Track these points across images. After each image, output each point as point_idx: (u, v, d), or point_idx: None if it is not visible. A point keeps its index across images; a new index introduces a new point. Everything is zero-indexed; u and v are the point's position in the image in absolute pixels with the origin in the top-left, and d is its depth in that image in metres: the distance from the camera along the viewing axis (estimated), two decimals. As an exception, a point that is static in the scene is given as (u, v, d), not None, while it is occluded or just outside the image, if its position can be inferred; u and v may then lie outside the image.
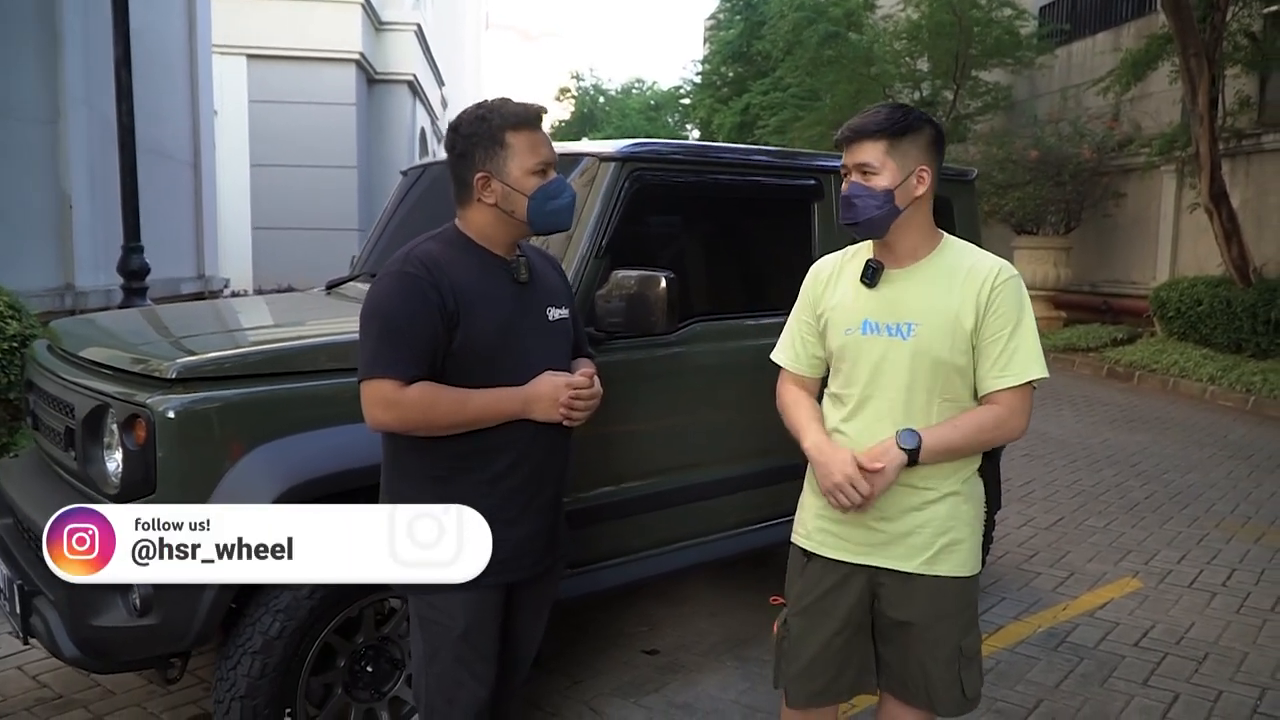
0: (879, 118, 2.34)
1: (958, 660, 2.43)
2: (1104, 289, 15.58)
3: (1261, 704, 3.79)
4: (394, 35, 19.06)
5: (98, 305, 8.08)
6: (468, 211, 2.39)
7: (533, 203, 2.34)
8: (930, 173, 2.36)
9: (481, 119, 2.34)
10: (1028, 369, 2.32)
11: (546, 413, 2.34)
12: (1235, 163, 13.03)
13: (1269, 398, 10.12)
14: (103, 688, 3.70)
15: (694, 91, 32.63)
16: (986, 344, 2.32)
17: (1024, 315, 2.34)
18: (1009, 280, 2.34)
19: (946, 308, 2.33)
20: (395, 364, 2.21)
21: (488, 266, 2.37)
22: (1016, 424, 2.37)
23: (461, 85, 36.08)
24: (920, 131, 2.34)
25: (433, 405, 2.23)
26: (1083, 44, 17.17)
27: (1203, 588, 5.02)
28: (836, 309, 2.47)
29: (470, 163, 2.34)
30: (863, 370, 2.39)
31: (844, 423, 2.43)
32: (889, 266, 2.41)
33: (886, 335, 2.37)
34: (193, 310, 4.35)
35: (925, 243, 2.41)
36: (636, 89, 44.67)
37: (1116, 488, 6.98)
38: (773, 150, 4.67)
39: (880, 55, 17.85)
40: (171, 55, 11.38)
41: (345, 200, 16.97)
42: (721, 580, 4.78)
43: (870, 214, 2.33)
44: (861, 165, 2.35)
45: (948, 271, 2.37)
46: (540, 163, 2.35)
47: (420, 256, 2.30)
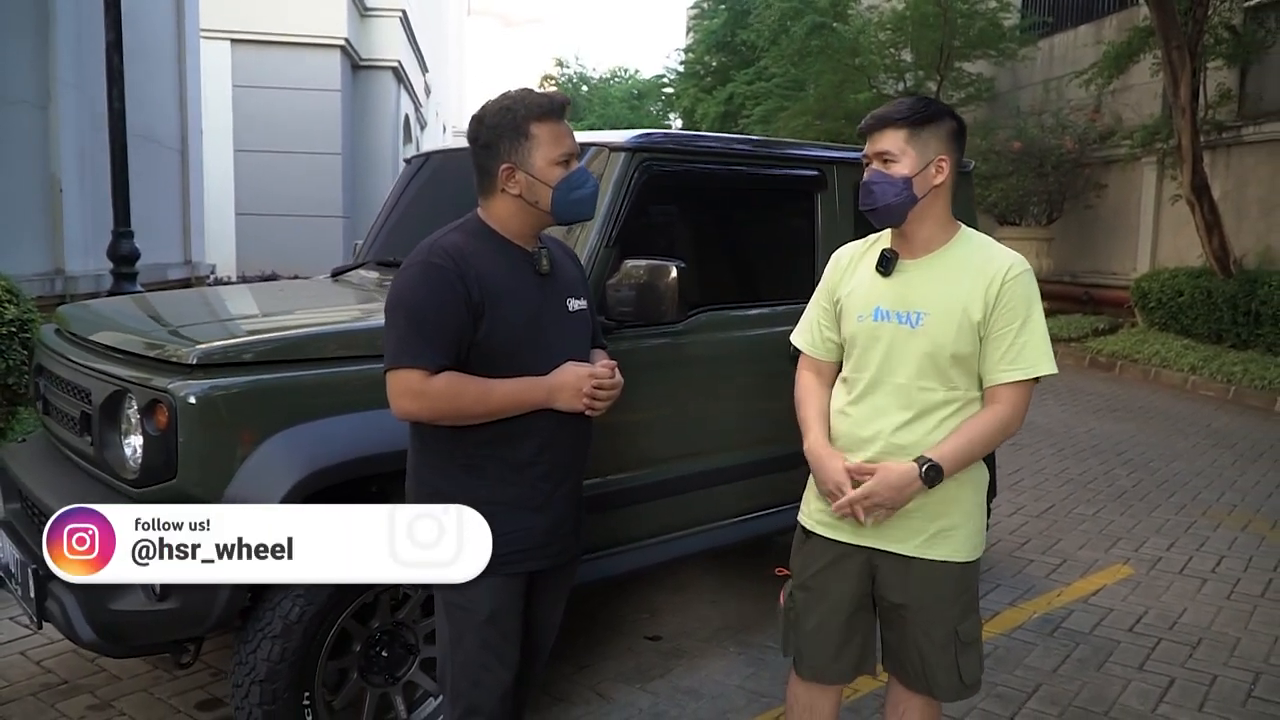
0: (902, 107, 2.39)
1: (954, 645, 2.47)
2: (1085, 279, 15.70)
3: (1256, 688, 3.86)
4: (379, 21, 18.95)
5: (87, 290, 8.04)
6: (491, 202, 2.41)
7: (557, 193, 2.36)
8: (949, 163, 2.40)
9: (506, 109, 2.35)
10: (1036, 364, 2.37)
11: (569, 403, 2.36)
12: (1216, 155, 13.15)
13: (1250, 387, 10.25)
14: (108, 673, 3.71)
15: (677, 81, 32.59)
16: (995, 336, 2.36)
17: (1034, 310, 2.39)
18: (1020, 275, 2.38)
19: (955, 299, 2.37)
20: (422, 354, 2.22)
21: (511, 258, 2.38)
22: (1017, 421, 2.44)
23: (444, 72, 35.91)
24: (941, 122, 2.39)
25: (459, 395, 2.25)
26: (1065, 36, 17.26)
27: (1193, 574, 5.10)
28: (852, 295, 2.52)
29: (495, 153, 2.35)
30: (873, 356, 2.45)
31: (850, 405, 2.50)
32: (904, 256, 2.46)
33: (896, 323, 2.42)
34: (202, 296, 4.36)
35: (941, 233, 2.45)
36: (619, 78, 44.59)
37: (1104, 476, 7.07)
38: (777, 141, 4.70)
39: (865, 46, 17.89)
40: (160, 40, 11.30)
41: (329, 187, 16.87)
42: (720, 567, 4.82)
43: (888, 200, 2.38)
44: (881, 153, 2.39)
45: (961, 264, 2.41)
46: (564, 153, 2.37)
47: (446, 247, 2.31)
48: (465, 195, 2.50)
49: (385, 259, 4.10)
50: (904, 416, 2.41)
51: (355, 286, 4.05)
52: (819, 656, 2.56)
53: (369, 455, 2.80)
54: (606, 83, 44.48)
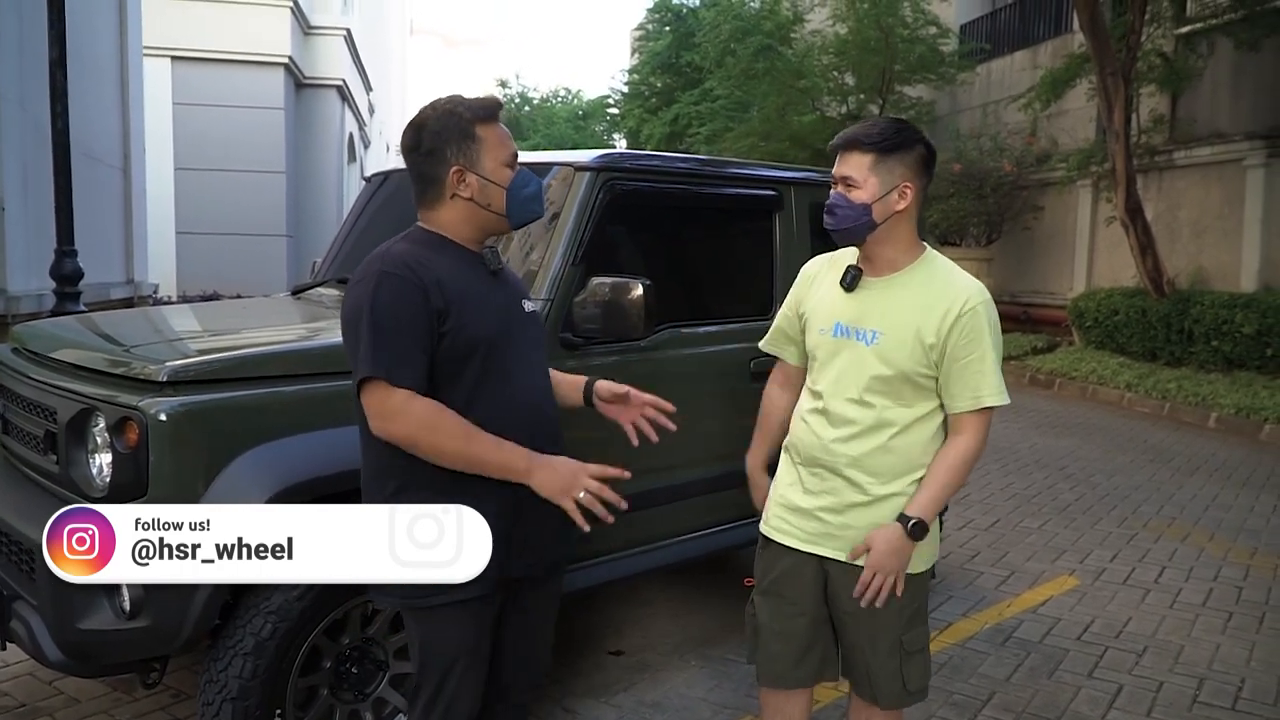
0: (872, 131, 2.44)
1: (899, 653, 2.55)
2: (1024, 299, 16.04)
3: (1201, 693, 3.98)
4: (323, 40, 18.81)
5: (29, 310, 7.88)
6: (438, 209, 2.34)
7: (510, 194, 2.33)
8: (914, 189, 2.46)
9: (450, 113, 2.30)
10: (994, 395, 2.45)
11: (551, 491, 2.25)
12: (1149, 178, 13.53)
13: (1183, 404, 10.53)
14: (66, 695, 3.66)
15: (622, 101, 32.77)
16: (956, 367, 2.43)
17: (991, 340, 2.45)
18: (979, 305, 2.43)
19: (909, 322, 2.44)
20: (394, 367, 2.14)
21: (464, 261, 2.33)
22: (981, 448, 2.52)
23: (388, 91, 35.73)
24: (910, 150, 2.45)
25: (438, 427, 2.16)
26: (1002, 61, 17.70)
27: (1136, 585, 5.24)
28: (816, 308, 2.60)
29: (442, 158, 2.29)
30: (831, 369, 2.54)
31: (809, 414, 2.60)
32: (868, 274, 2.53)
33: (853, 339, 2.49)
34: (162, 315, 4.31)
35: (904, 255, 2.51)
36: (563, 98, 44.71)
37: (1048, 490, 7.24)
38: (737, 161, 4.79)
39: (810, 69, 18.17)
40: (102, 57, 11.14)
41: (273, 205, 16.67)
42: (681, 582, 4.87)
43: (847, 225, 2.45)
44: (845, 178, 2.45)
45: (921, 287, 2.48)
46: (511, 154, 2.35)
47: (397, 256, 2.24)
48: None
49: (344, 276, 4.09)
50: (851, 429, 2.49)
51: (316, 304, 4.05)
52: (779, 662, 2.63)
53: (341, 471, 2.78)
54: (549, 102, 44.56)
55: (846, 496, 2.51)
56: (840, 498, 2.51)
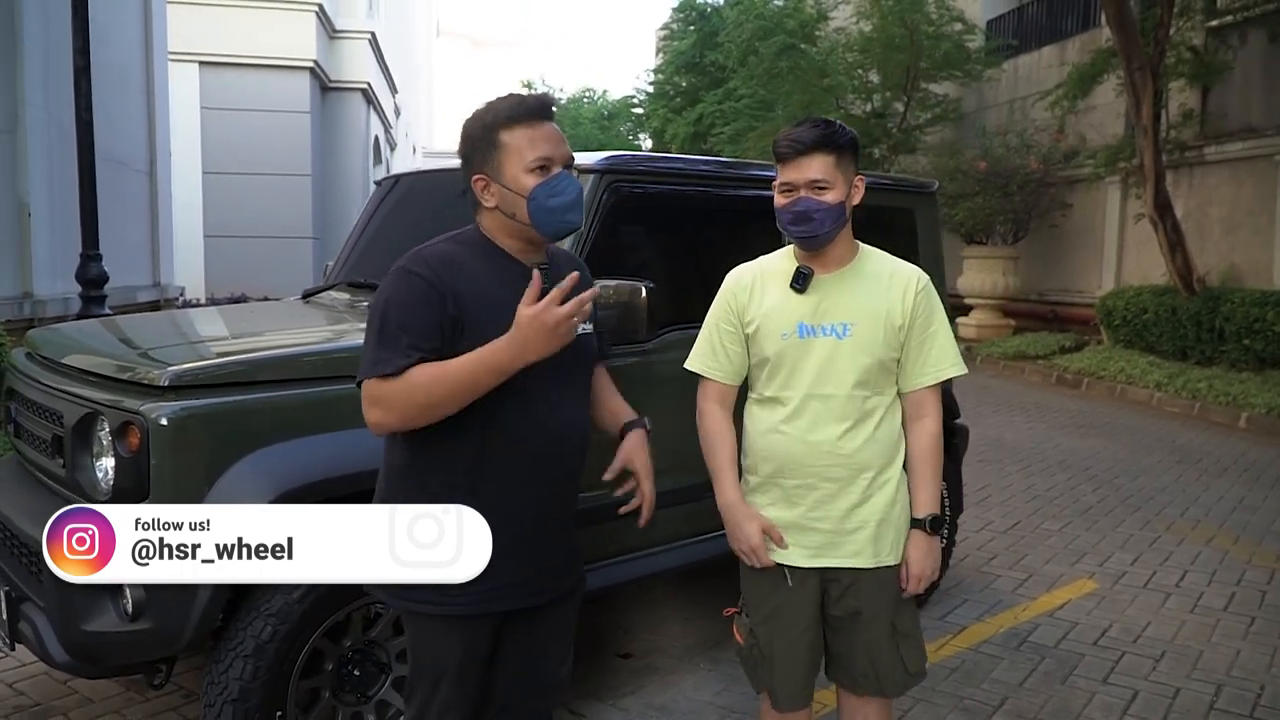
0: (829, 133, 2.41)
1: (894, 636, 2.57)
2: (1051, 298, 15.90)
3: (1219, 700, 3.92)
4: (348, 43, 18.97)
5: (55, 314, 8.01)
6: (480, 216, 2.30)
7: (532, 203, 2.18)
8: (863, 181, 2.53)
9: (478, 119, 2.24)
10: (955, 365, 2.57)
11: (548, 342, 2.05)
12: (1179, 174, 13.37)
13: (1214, 404, 10.39)
14: (80, 695, 3.70)
15: (647, 101, 32.79)
16: (914, 344, 2.51)
17: (943, 316, 2.58)
18: (927, 285, 2.56)
19: (878, 307, 2.49)
20: (380, 362, 2.11)
21: (505, 271, 2.23)
22: (941, 425, 2.60)
23: (414, 93, 35.92)
24: (855, 145, 2.48)
25: (412, 388, 2.09)
26: (1029, 57, 17.54)
27: (1157, 589, 5.17)
28: (769, 315, 2.54)
29: (469, 167, 2.24)
30: (804, 372, 2.50)
31: (784, 423, 2.53)
32: (820, 272, 2.51)
33: (825, 336, 2.49)
34: (172, 318, 4.36)
35: (849, 249, 2.56)
36: (588, 98, 44.75)
37: (1070, 492, 7.16)
38: (742, 162, 4.77)
39: (834, 68, 18.09)
40: (128, 62, 11.28)
41: (299, 208, 16.85)
42: (690, 585, 4.84)
43: (828, 228, 2.43)
44: (815, 181, 2.40)
45: (873, 275, 2.53)
46: (538, 158, 2.18)
47: (428, 256, 2.20)
48: (436, 217, 2.52)
49: (356, 280, 4.12)
50: (844, 426, 2.49)
51: (326, 308, 4.06)
52: (793, 684, 2.61)
53: (341, 475, 2.81)
54: (576, 103, 44.61)
55: (845, 500, 2.50)
56: (839, 504, 2.50)
